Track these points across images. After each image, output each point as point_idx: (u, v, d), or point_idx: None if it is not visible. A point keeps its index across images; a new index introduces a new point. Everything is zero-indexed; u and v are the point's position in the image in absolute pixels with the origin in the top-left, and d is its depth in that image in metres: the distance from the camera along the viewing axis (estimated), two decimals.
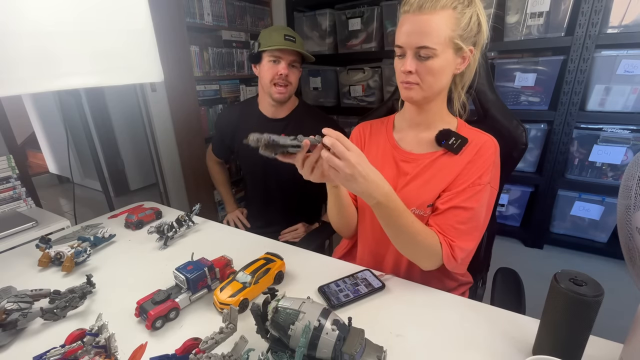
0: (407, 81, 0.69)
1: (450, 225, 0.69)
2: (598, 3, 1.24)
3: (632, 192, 0.61)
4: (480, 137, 0.73)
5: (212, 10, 1.78)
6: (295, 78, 1.16)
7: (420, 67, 0.66)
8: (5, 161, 1.30)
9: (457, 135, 0.72)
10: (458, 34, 0.65)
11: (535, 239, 1.61)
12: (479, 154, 0.71)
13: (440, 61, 0.65)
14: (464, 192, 0.69)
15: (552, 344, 0.49)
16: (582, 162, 1.42)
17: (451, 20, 0.63)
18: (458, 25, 0.64)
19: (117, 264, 0.84)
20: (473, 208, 0.69)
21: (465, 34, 0.66)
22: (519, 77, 1.47)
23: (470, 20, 0.65)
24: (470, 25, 0.65)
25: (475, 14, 0.66)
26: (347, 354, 0.46)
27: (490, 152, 0.71)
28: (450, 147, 0.72)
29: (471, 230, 0.70)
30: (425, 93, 0.69)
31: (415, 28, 0.64)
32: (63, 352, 0.51)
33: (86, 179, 3.26)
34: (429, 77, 0.67)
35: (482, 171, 0.69)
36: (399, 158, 0.78)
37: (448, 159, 0.73)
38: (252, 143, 0.57)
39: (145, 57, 1.00)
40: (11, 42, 0.76)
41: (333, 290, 0.69)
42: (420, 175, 0.75)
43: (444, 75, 0.68)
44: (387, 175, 0.75)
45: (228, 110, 1.51)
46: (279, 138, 0.59)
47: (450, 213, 0.70)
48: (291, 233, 1.31)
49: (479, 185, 0.69)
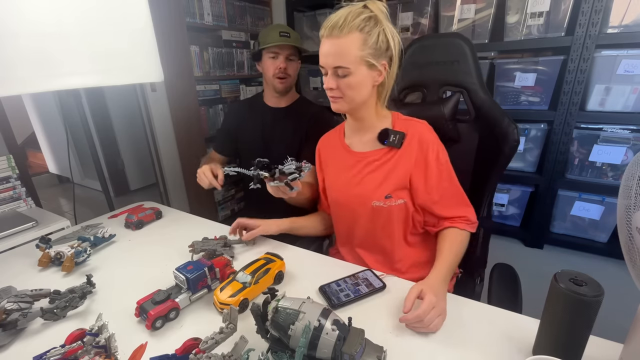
0: (332, 95, 0.77)
1: (449, 210, 0.80)
2: (598, 3, 1.24)
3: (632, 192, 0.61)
4: (415, 127, 0.81)
5: (212, 10, 1.78)
6: (293, 70, 1.26)
7: (340, 83, 0.74)
8: (5, 161, 1.31)
9: (394, 132, 0.80)
10: (368, 52, 0.71)
11: (535, 238, 1.61)
12: (422, 142, 0.79)
13: (356, 77, 0.72)
14: (438, 179, 0.78)
15: (552, 344, 0.49)
16: (582, 162, 1.43)
17: (359, 41, 0.70)
18: (366, 44, 0.70)
19: (117, 264, 0.84)
20: (452, 184, 0.81)
21: (375, 52, 0.72)
22: (519, 77, 1.47)
23: (379, 38, 0.71)
24: (378, 43, 0.71)
25: (382, 33, 0.71)
26: (347, 354, 0.46)
27: (429, 135, 0.80)
28: (392, 143, 0.79)
29: (462, 197, 0.82)
30: (349, 105, 0.77)
31: (330, 50, 0.72)
32: (63, 352, 0.51)
33: (86, 179, 3.26)
34: (348, 91, 0.74)
35: (435, 153, 0.78)
36: (354, 159, 0.86)
37: (394, 153, 0.81)
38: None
39: (145, 57, 1.00)
40: (11, 42, 0.76)
41: (334, 290, 0.69)
42: (374, 172, 0.82)
43: (363, 88, 0.75)
44: (345, 176, 0.87)
45: (237, 103, 1.60)
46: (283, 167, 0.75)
47: (443, 202, 0.80)
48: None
49: (442, 165, 0.79)
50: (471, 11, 1.50)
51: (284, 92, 1.29)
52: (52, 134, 3.28)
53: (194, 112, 1.77)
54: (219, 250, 0.82)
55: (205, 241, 0.87)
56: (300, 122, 1.27)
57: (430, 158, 0.78)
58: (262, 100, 1.35)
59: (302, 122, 1.27)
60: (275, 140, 1.31)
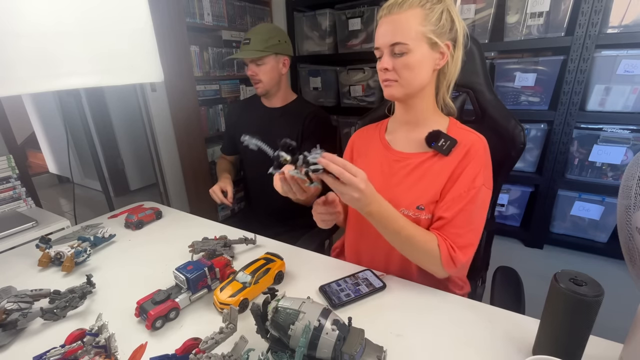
0: (385, 79, 0.70)
1: (449, 230, 0.69)
2: (598, 3, 1.24)
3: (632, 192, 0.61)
4: (469, 137, 0.73)
5: (212, 10, 1.78)
6: (263, 73, 1.23)
7: (396, 63, 0.68)
8: (5, 161, 1.31)
9: (447, 136, 0.72)
10: (430, 29, 0.66)
11: (535, 239, 1.61)
12: (469, 156, 0.70)
13: (416, 56, 0.66)
14: (460, 198, 0.69)
15: (552, 344, 0.49)
16: (582, 162, 1.43)
17: (420, 16, 0.65)
18: (428, 20, 0.66)
19: (117, 264, 0.84)
20: (470, 212, 0.69)
21: (438, 29, 0.67)
22: (519, 77, 1.47)
23: (442, 15, 0.67)
24: (442, 21, 0.67)
25: (446, 10, 0.67)
26: (347, 354, 0.46)
27: (481, 153, 0.71)
28: (440, 148, 0.72)
29: (469, 234, 0.69)
30: (405, 89, 0.70)
31: (387, 28, 0.67)
32: (63, 352, 0.51)
33: (86, 179, 3.26)
34: (405, 72, 0.68)
35: (475, 174, 0.69)
36: (391, 158, 0.79)
37: (438, 160, 0.73)
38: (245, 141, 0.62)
39: (145, 57, 1.00)
40: (11, 42, 0.76)
41: (334, 290, 0.69)
42: (410, 176, 0.75)
43: (422, 70, 0.68)
44: (379, 176, 0.78)
45: (235, 104, 1.61)
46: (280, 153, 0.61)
47: (449, 220, 0.69)
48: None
49: (473, 188, 0.69)
50: (471, 11, 1.50)
51: (267, 95, 1.29)
52: (52, 134, 3.28)
53: (194, 112, 1.77)
54: (219, 250, 0.82)
55: (205, 241, 0.87)
56: (297, 121, 1.27)
57: (467, 172, 0.69)
58: (259, 101, 1.36)
59: (298, 122, 1.27)
60: (273, 140, 1.31)
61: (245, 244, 0.90)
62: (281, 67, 1.26)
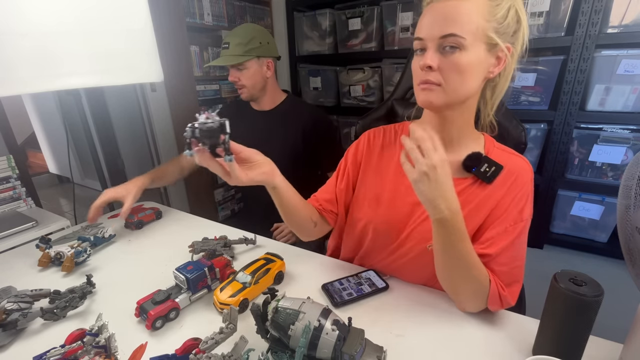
0: (426, 80, 0.55)
1: (493, 268, 0.59)
2: (598, 3, 1.24)
3: (632, 192, 0.61)
4: (516, 163, 0.63)
5: (212, 10, 1.78)
6: (245, 78, 1.18)
7: (444, 62, 0.54)
8: (5, 161, 1.30)
9: (490, 160, 0.61)
10: (493, 25, 0.53)
11: (535, 239, 1.61)
12: (517, 185, 0.61)
13: (470, 56, 0.53)
14: (506, 234, 0.60)
15: (552, 344, 0.49)
16: (582, 162, 1.42)
17: (484, 8, 0.52)
18: (493, 15, 0.53)
19: (117, 264, 0.84)
20: (517, 247, 0.61)
21: (502, 29, 0.54)
22: (519, 76, 1.46)
23: (508, 13, 0.54)
24: (507, 20, 0.54)
25: (513, 8, 0.55)
26: (347, 354, 0.46)
27: (529, 182, 0.62)
28: (483, 175, 0.61)
29: (515, 271, 0.61)
30: (448, 97, 0.56)
31: (439, 15, 0.53)
32: (63, 352, 0.51)
33: (86, 179, 3.26)
34: (453, 76, 0.54)
35: (522, 205, 0.61)
36: None
37: (478, 188, 0.62)
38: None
39: (145, 57, 1.00)
40: (11, 42, 0.76)
41: (336, 289, 0.69)
42: None
43: (473, 76, 0.55)
44: (405, 202, 0.66)
45: (225, 107, 1.56)
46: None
47: (494, 257, 0.60)
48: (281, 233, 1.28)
49: (521, 221, 0.60)
50: None
51: (254, 100, 1.26)
52: (52, 134, 3.28)
53: (194, 112, 1.75)
54: (219, 250, 0.82)
55: (205, 241, 0.87)
56: (293, 123, 1.23)
57: (514, 204, 0.60)
58: (248, 105, 1.32)
59: (295, 123, 1.22)
60: (268, 142, 1.29)
61: (245, 244, 0.90)
62: (265, 71, 1.19)
